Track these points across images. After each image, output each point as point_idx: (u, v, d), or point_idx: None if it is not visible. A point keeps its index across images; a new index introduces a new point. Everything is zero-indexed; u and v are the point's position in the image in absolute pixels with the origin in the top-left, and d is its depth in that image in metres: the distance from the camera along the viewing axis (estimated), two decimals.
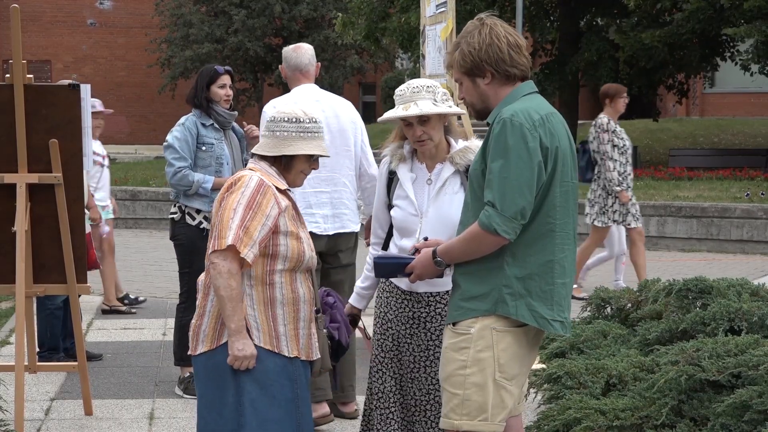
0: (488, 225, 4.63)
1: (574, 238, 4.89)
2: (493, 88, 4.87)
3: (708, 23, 26.05)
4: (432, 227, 5.43)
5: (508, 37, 4.84)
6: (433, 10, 9.47)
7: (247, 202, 4.97)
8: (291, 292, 5.11)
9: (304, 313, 5.16)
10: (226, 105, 8.42)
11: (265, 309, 5.09)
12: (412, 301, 5.57)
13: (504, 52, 4.81)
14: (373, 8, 29.58)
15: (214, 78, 8.38)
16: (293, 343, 5.14)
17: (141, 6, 44.21)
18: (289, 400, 5.14)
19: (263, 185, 5.05)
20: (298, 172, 5.23)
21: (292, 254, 5.08)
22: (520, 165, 4.62)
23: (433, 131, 5.45)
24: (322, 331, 5.26)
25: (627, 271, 13.48)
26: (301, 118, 5.15)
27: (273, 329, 5.09)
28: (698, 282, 7.08)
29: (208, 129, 8.34)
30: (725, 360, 5.77)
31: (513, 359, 4.82)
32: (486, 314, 4.76)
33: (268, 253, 5.05)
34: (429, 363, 5.53)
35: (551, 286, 4.78)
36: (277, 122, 5.16)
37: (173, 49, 41.15)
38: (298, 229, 5.14)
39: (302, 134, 5.14)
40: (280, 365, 5.11)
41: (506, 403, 4.83)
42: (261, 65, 41.72)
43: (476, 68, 4.85)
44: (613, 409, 5.90)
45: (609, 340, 7.02)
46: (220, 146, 8.35)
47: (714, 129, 35.75)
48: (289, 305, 5.12)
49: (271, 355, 5.08)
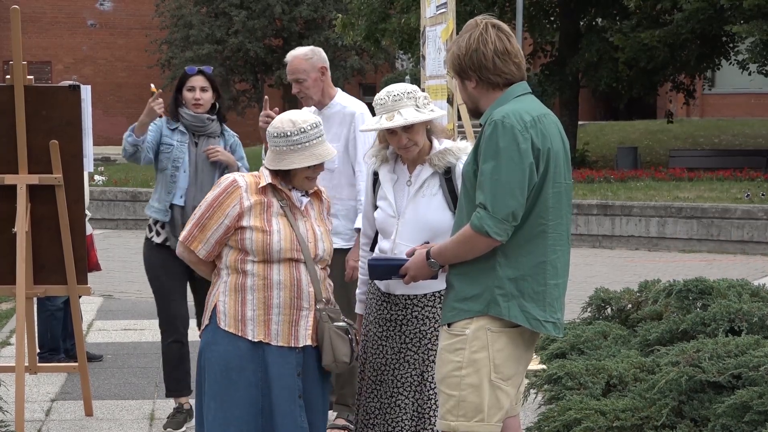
0: (480, 227, 4.63)
1: (567, 239, 4.88)
2: (480, 92, 4.86)
3: (708, 23, 26.07)
4: (409, 229, 5.43)
5: (497, 43, 4.79)
6: (434, 11, 9.47)
7: (210, 202, 5.28)
8: (262, 279, 5.20)
9: (279, 300, 5.21)
10: (197, 109, 7.59)
11: (235, 295, 5.24)
12: (389, 303, 5.56)
13: (488, 60, 4.78)
14: (373, 9, 29.62)
15: (183, 80, 7.67)
16: (260, 328, 5.21)
17: (141, 7, 44.24)
18: (250, 384, 5.21)
19: (231, 186, 5.26)
20: (302, 178, 5.29)
21: (257, 247, 5.18)
22: (511, 167, 4.61)
23: (417, 136, 5.43)
24: (326, 323, 5.25)
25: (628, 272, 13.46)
26: (288, 131, 5.20)
27: (240, 313, 5.23)
28: (698, 283, 7.08)
29: (174, 132, 7.63)
30: (726, 361, 5.77)
31: (508, 360, 4.81)
32: (480, 315, 4.76)
33: (238, 245, 5.24)
34: (398, 366, 5.52)
35: (543, 287, 4.77)
36: (271, 137, 5.25)
37: (173, 50, 41.24)
38: (266, 224, 5.20)
39: (292, 147, 5.19)
40: (243, 349, 5.21)
41: (502, 404, 4.83)
42: (261, 66, 41.79)
43: (462, 72, 4.86)
44: (614, 409, 5.90)
45: (609, 341, 7.03)
46: (180, 149, 7.58)
47: (714, 130, 35.76)
48: (259, 291, 5.21)
49: (234, 338, 5.22)
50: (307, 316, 5.26)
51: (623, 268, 16.50)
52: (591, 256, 18.17)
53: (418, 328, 5.49)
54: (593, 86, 31.69)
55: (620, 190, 22.97)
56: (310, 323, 5.27)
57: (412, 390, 5.49)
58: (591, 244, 20.21)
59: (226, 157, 7.59)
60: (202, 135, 7.63)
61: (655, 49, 27.26)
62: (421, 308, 5.50)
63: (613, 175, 26.19)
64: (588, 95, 39.74)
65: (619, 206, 20.49)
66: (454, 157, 5.45)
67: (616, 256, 18.67)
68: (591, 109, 43.67)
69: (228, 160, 7.58)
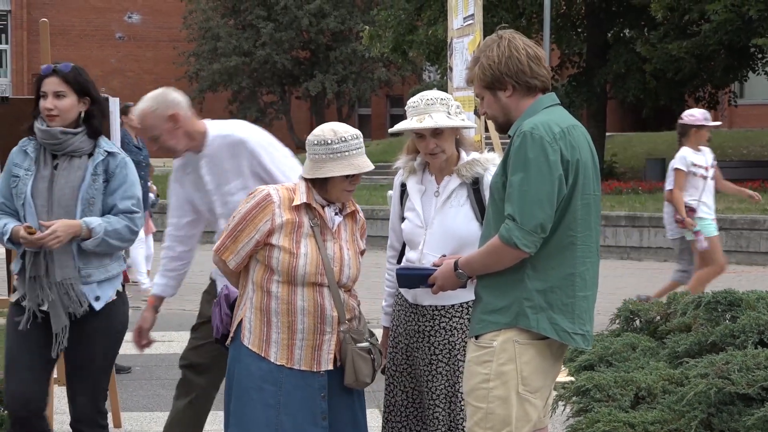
0: (508, 238, 4.63)
1: (596, 250, 4.87)
2: (515, 101, 4.86)
3: (736, 34, 26.01)
4: (436, 239, 5.43)
5: (527, 49, 4.83)
6: (461, 22, 9.49)
7: (243, 215, 5.24)
8: (286, 303, 5.20)
9: (303, 325, 5.21)
10: (51, 121, 5.67)
11: (261, 315, 5.24)
12: (417, 314, 5.55)
13: (524, 64, 4.81)
14: (400, 21, 29.75)
15: (37, 85, 5.79)
16: (284, 352, 5.22)
17: (169, 20, 44.48)
18: (269, 405, 5.20)
19: (265, 200, 5.22)
20: (340, 190, 5.26)
21: (283, 268, 5.17)
22: (540, 178, 4.61)
23: (446, 144, 5.42)
24: (349, 345, 5.26)
25: (657, 283, 13.41)
26: (329, 139, 5.17)
27: (265, 334, 5.23)
28: (727, 294, 7.05)
29: (25, 157, 5.74)
30: (755, 373, 5.74)
31: (536, 372, 4.81)
32: (507, 327, 4.76)
33: (265, 261, 5.23)
34: (431, 378, 5.51)
35: (572, 299, 4.77)
36: (311, 145, 5.20)
37: (201, 63, 41.50)
38: (294, 246, 5.18)
39: (331, 156, 5.16)
40: (265, 370, 5.22)
41: (530, 416, 4.82)
42: (288, 78, 42.00)
43: (497, 81, 4.84)
44: (642, 422, 5.89)
45: (638, 353, 7.00)
46: (24, 181, 5.67)
47: (742, 140, 35.64)
48: (284, 315, 5.21)
49: (257, 358, 5.23)
50: (330, 339, 5.26)
51: (652, 279, 16.43)
52: (620, 268, 18.14)
53: (446, 339, 5.49)
54: (621, 97, 31.67)
55: (648, 201, 22.92)
56: (332, 347, 5.27)
57: (447, 401, 5.49)
58: (619, 255, 20.18)
59: (61, 234, 5.55)
60: (62, 155, 5.70)
61: (682, 60, 27.24)
62: (449, 319, 5.49)
63: (641, 186, 26.21)
64: (616, 106, 39.66)
65: (647, 218, 20.47)
66: (482, 168, 5.46)
67: (645, 268, 18.63)
68: (619, 120, 43.56)
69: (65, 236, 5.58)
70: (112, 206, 5.74)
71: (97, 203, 5.69)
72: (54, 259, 5.67)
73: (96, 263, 5.82)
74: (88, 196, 5.64)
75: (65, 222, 5.56)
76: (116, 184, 5.73)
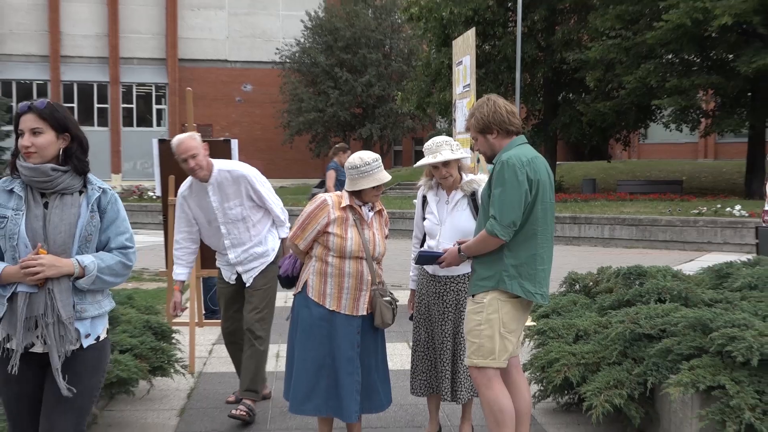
0: (492, 231, 4.61)
1: (551, 239, 4.83)
2: (498, 141, 4.83)
3: (642, 97, 26.02)
4: (447, 232, 5.41)
5: (506, 107, 4.82)
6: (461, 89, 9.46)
7: (308, 214, 5.17)
8: (338, 269, 5.14)
9: (349, 283, 5.15)
10: (29, 159, 3.73)
11: (320, 277, 5.16)
12: (434, 281, 5.53)
13: (504, 116, 4.79)
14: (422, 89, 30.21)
15: (15, 123, 3.80)
16: (335, 301, 5.15)
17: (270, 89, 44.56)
18: (323, 336, 5.15)
19: (322, 203, 5.16)
20: (370, 196, 5.23)
21: (336, 247, 5.11)
22: (512, 191, 4.59)
23: (453, 170, 5.42)
24: (379, 298, 5.21)
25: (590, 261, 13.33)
26: (358, 165, 5.15)
27: (323, 290, 5.16)
28: (637, 268, 7.01)
29: (11, 196, 3.74)
30: (655, 320, 5.70)
31: (512, 319, 4.78)
32: (493, 289, 4.73)
33: (324, 243, 5.15)
34: (443, 323, 5.49)
35: (535, 270, 4.73)
36: (347, 169, 5.17)
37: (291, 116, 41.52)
38: (343, 233, 5.13)
39: (361, 175, 5.15)
40: (322, 312, 5.14)
41: (508, 348, 4.79)
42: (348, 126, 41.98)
43: (486, 128, 4.83)
44: (581, 351, 5.86)
45: (578, 307, 6.97)
46: (14, 221, 3.69)
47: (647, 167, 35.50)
48: (336, 277, 5.14)
49: (317, 305, 5.15)
50: (365, 294, 5.21)
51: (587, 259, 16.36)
52: (565, 251, 18.04)
53: (454, 298, 5.48)
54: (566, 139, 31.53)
55: (584, 207, 22.86)
56: (366, 299, 5.22)
57: (451, 338, 5.48)
58: (565, 242, 20.11)
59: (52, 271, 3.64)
60: (52, 193, 3.75)
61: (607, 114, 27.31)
62: (456, 284, 5.47)
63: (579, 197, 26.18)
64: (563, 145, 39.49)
65: (584, 218, 20.41)
66: (477, 185, 5.45)
67: (582, 251, 18.53)
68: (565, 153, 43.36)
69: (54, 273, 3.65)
70: (106, 242, 3.83)
71: (94, 240, 3.78)
72: (55, 296, 3.67)
73: (90, 299, 3.79)
74: (86, 233, 3.75)
75: (52, 257, 3.65)
76: (109, 220, 3.82)
